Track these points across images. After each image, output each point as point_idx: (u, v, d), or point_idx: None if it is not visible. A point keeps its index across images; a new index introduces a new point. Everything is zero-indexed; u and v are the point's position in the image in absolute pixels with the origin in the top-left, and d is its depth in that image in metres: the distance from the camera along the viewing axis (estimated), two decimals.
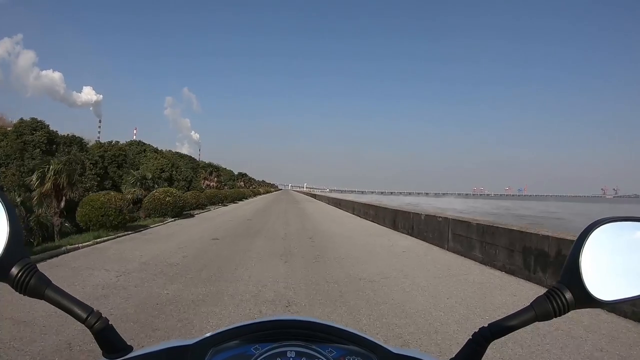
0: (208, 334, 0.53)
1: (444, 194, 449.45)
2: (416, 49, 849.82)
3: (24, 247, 0.49)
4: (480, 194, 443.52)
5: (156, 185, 22.81)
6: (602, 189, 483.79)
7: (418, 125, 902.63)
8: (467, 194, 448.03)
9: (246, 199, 38.32)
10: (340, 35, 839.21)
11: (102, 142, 40.05)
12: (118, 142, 41.48)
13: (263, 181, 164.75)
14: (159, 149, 41.82)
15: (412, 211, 10.39)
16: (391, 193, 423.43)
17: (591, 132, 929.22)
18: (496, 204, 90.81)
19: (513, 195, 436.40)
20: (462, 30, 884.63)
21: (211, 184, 40.24)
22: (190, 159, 56.20)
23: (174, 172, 38.34)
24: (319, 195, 47.68)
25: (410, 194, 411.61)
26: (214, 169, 42.38)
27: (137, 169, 38.42)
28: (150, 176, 22.74)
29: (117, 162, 36.84)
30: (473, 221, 6.92)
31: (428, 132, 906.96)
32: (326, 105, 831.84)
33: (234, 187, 57.51)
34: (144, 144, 41.67)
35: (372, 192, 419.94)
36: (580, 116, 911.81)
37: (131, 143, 41.24)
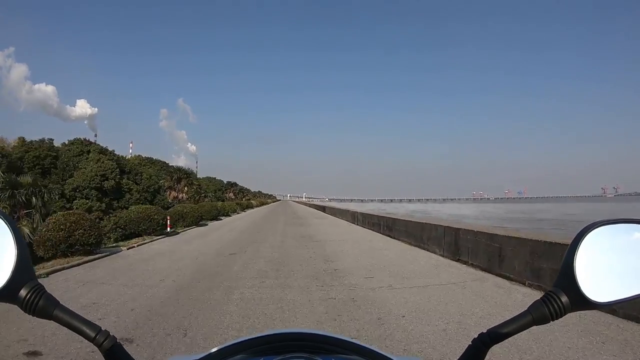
0: (213, 349, 0.54)
1: (444, 199, 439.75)
2: (413, 58, 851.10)
3: (32, 269, 0.50)
4: (481, 198, 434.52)
5: (34, 199, 12.22)
6: (602, 188, 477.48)
7: (414, 131, 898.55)
8: (467, 199, 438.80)
9: (229, 215, 27.45)
10: (336, 48, 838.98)
11: (30, 140, 29.40)
12: (52, 139, 30.80)
13: (259, 192, 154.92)
14: (109, 149, 30.94)
15: None
16: (391, 200, 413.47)
17: (587, 131, 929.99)
18: (506, 208, 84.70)
19: (515, 198, 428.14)
20: (459, 39, 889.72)
21: (180, 195, 29.45)
22: (163, 164, 45.52)
23: (124, 181, 27.45)
24: (329, 207, 30.78)
25: (410, 200, 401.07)
26: (183, 175, 31.41)
27: (71, 176, 27.79)
28: (29, 180, 12.09)
29: (41, 166, 26.13)
30: None
31: (425, 138, 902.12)
32: (324, 115, 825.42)
33: (223, 199, 46.86)
34: (90, 143, 30.94)
35: (372, 200, 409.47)
36: (575, 116, 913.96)
37: (72, 142, 30.56)
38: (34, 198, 11.90)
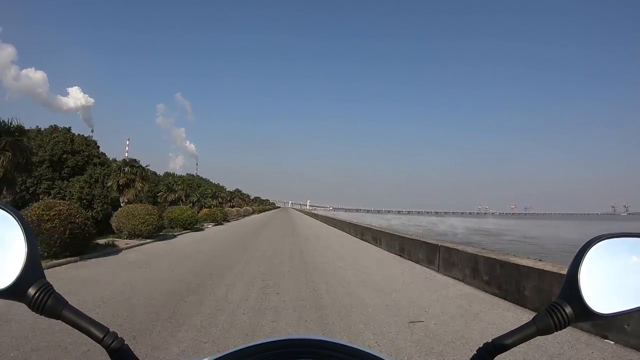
0: (219, 354, 0.54)
1: (454, 212, 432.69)
2: (418, 71, 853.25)
3: (41, 268, 0.49)
4: (486, 213, 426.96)
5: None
6: (612, 207, 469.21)
7: (418, 143, 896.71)
8: (477, 213, 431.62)
9: None
10: (342, 57, 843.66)
11: None
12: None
13: (237, 190, 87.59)
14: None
15: None
16: (397, 212, 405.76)
17: (595, 147, 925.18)
18: (544, 224, 71.97)
19: (524, 214, 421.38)
20: (463, 54, 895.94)
21: None
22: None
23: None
24: (384, 231, 12.73)
25: (419, 212, 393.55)
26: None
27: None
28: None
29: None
30: None
31: (428, 149, 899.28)
32: (327, 125, 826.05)
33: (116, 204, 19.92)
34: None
35: (378, 211, 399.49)
36: (580, 131, 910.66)
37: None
38: None
